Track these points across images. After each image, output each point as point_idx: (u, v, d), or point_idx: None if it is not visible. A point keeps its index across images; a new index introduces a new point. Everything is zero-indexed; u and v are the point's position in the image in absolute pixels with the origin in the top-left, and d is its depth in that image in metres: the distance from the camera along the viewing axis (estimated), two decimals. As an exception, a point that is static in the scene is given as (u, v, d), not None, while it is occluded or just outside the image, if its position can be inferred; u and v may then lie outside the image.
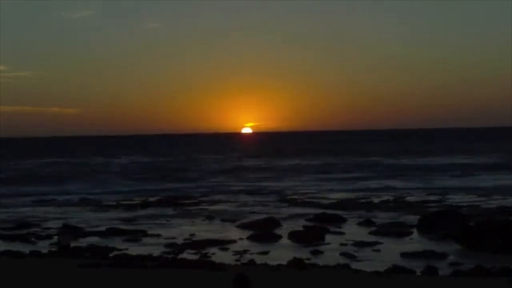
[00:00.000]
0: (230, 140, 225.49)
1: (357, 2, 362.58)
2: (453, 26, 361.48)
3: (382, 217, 38.07)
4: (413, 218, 36.32)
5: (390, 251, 27.14)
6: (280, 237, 30.97)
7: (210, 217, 39.31)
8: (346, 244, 28.76)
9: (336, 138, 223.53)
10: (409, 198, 48.50)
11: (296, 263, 23.38)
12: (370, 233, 32.08)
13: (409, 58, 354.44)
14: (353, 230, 33.19)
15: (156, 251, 27.11)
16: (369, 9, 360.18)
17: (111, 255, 26.05)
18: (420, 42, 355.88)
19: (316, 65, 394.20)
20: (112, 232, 32.89)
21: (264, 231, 31.99)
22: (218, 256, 26.27)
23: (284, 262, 23.66)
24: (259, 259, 25.09)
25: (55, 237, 31.27)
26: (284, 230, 32.87)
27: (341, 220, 36.46)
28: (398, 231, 32.73)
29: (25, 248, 28.13)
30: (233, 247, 28.47)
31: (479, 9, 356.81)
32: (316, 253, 26.97)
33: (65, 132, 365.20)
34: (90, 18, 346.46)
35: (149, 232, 32.92)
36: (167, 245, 29.03)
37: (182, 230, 33.97)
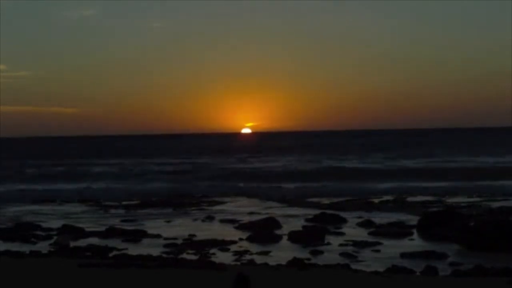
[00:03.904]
0: (231, 140, 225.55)
1: (354, 2, 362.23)
2: (450, 25, 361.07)
3: (382, 217, 38.08)
4: (413, 218, 36.37)
5: (390, 251, 27.16)
6: (280, 237, 30.98)
7: (210, 217, 39.34)
8: (346, 245, 28.77)
9: (336, 137, 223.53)
10: (409, 198, 48.53)
11: (296, 263, 23.42)
12: (370, 233, 32.09)
13: (409, 57, 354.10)
14: (353, 231, 33.21)
15: (156, 251, 27.12)
16: (367, 9, 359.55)
17: (111, 255, 26.08)
18: (418, 42, 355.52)
19: (316, 65, 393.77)
20: (112, 232, 32.89)
21: (264, 232, 31.99)
22: (218, 256, 26.28)
23: (284, 262, 23.69)
24: (259, 259, 25.12)
25: (55, 237, 31.31)
26: (284, 230, 32.88)
27: (341, 221, 36.46)
28: (398, 231, 32.75)
29: (25, 248, 28.16)
30: (233, 247, 28.48)
31: (478, 9, 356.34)
32: (316, 253, 26.98)
33: (66, 132, 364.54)
34: (91, 18, 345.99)
35: (149, 232, 32.92)
36: (167, 245, 29.02)
37: (182, 230, 33.97)
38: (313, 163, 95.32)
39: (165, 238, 31.14)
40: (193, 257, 25.71)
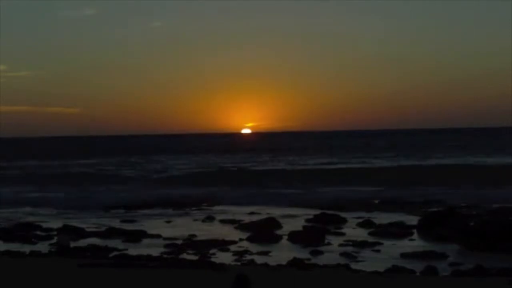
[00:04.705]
0: (231, 140, 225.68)
1: (355, 2, 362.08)
2: (450, 25, 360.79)
3: (382, 217, 38.09)
4: (413, 218, 36.39)
5: (390, 251, 27.18)
6: (280, 237, 31.00)
7: (210, 217, 39.35)
8: (346, 245, 28.79)
9: (336, 138, 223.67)
10: (409, 198, 48.51)
11: (296, 263, 23.44)
12: (370, 233, 32.10)
13: (409, 57, 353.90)
14: (353, 231, 33.23)
15: (156, 251, 27.13)
16: (367, 9, 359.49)
17: (111, 255, 26.08)
18: (418, 42, 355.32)
19: (316, 65, 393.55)
20: (112, 232, 32.92)
21: (264, 232, 32.00)
22: (218, 256, 26.30)
23: (284, 262, 23.71)
24: (259, 259, 25.13)
25: (55, 237, 31.32)
26: (284, 230, 32.91)
27: (341, 221, 36.47)
28: (398, 231, 32.74)
29: (25, 248, 28.18)
30: (233, 247, 28.50)
31: (478, 9, 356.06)
32: (316, 253, 26.99)
33: (67, 132, 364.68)
34: (92, 18, 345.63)
35: (149, 232, 32.93)
36: (167, 245, 29.04)
37: (182, 230, 33.99)
38: (313, 163, 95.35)
39: (165, 238, 31.16)
40: (193, 257, 25.72)
